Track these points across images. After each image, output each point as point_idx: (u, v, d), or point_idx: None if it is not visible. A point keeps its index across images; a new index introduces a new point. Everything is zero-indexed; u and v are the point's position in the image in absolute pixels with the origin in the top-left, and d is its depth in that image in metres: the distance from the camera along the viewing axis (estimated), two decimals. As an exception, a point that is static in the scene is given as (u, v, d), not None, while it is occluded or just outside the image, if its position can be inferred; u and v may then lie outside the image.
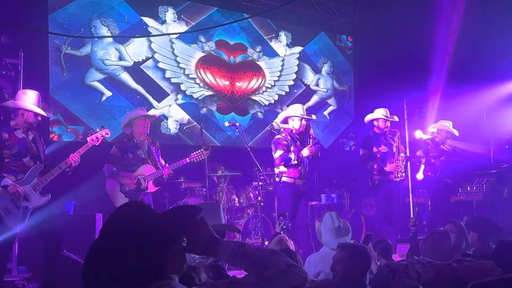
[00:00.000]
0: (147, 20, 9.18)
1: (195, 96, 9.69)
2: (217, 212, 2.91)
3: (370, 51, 11.27)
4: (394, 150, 7.80)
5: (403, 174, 7.78)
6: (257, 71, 10.46)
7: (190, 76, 9.66)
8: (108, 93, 8.66)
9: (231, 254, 1.78)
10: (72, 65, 8.36)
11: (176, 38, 9.48)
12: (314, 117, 7.62)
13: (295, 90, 11.02)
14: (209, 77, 9.89)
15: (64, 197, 7.17)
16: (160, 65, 9.30)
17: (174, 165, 6.52)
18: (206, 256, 1.90)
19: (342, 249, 3.42)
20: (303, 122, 7.05)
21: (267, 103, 10.50)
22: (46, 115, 5.74)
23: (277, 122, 10.09)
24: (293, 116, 7.07)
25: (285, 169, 6.94)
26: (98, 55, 8.62)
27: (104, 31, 8.71)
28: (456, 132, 8.57)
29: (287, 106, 10.69)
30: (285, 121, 7.27)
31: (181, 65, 9.55)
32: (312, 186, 9.28)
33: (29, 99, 5.56)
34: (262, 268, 1.71)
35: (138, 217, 1.74)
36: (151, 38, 9.17)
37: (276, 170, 7.06)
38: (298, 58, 11.14)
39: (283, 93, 10.81)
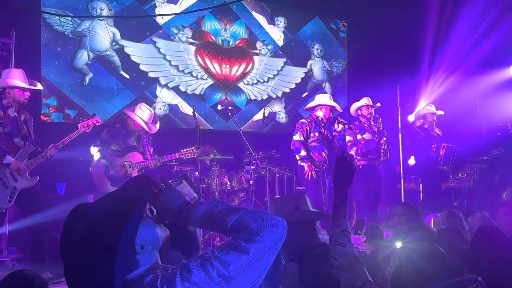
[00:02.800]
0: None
1: (196, 92, 9.62)
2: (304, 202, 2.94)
3: (364, 37, 11.23)
4: (377, 136, 7.98)
5: (386, 157, 7.95)
6: (245, 55, 10.36)
7: (186, 71, 9.56)
8: (100, 75, 8.57)
9: (203, 219, 1.73)
10: (65, 46, 8.28)
11: (157, 37, 9.23)
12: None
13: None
14: (208, 63, 9.82)
15: (56, 179, 7.16)
16: (151, 74, 9.12)
17: (162, 158, 6.54)
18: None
19: None
20: (332, 112, 7.50)
21: (253, 98, 10.39)
22: (28, 87, 5.67)
23: (269, 108, 10.12)
24: (324, 105, 7.45)
25: (304, 153, 7.17)
26: (100, 37, 8.55)
27: (105, 12, 8.64)
28: (440, 112, 8.65)
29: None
30: (311, 109, 7.63)
31: (173, 63, 9.41)
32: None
33: (11, 77, 5.55)
34: (234, 232, 1.66)
35: (94, 215, 1.66)
36: (131, 51, 8.98)
37: (298, 156, 7.26)
38: (305, 72, 11.14)
39: (274, 96, 10.69)
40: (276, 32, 10.78)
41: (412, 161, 8.55)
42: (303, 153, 7.13)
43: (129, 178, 4.80)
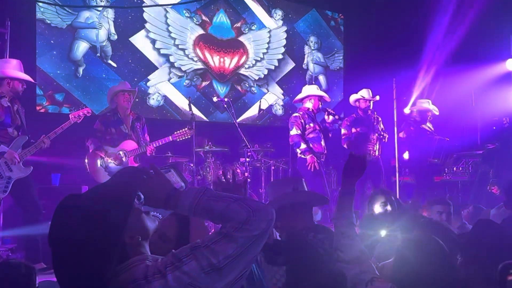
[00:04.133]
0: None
1: (183, 68, 9.58)
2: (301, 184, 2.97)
3: (360, 29, 11.21)
4: (372, 130, 7.95)
5: (376, 153, 7.92)
6: (240, 48, 10.35)
7: (180, 47, 9.56)
8: (94, 66, 8.56)
9: (191, 206, 1.73)
10: (60, 36, 8.26)
11: (171, 8, 9.36)
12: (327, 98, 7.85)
13: (285, 66, 10.95)
14: (207, 57, 9.83)
15: (51, 169, 7.15)
16: (151, 35, 9.18)
17: (156, 142, 6.49)
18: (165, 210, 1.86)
19: None
20: (320, 102, 7.50)
21: (256, 77, 10.43)
22: (32, 80, 5.78)
23: (266, 99, 10.10)
24: (312, 96, 7.44)
25: (304, 146, 7.15)
26: (103, 27, 8.63)
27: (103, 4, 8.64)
28: (436, 110, 8.62)
29: (276, 82, 10.70)
30: (300, 101, 7.62)
31: (172, 35, 9.44)
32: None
33: (12, 67, 5.53)
34: (222, 220, 1.68)
35: (84, 205, 1.63)
36: (147, 9, 9.07)
37: (299, 149, 7.23)
38: (286, 31, 11.02)
39: (272, 67, 10.71)
40: (273, 24, 10.75)
41: (406, 155, 8.55)
42: (303, 146, 7.12)
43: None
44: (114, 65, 8.77)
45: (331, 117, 7.44)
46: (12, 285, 2.37)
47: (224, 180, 2.54)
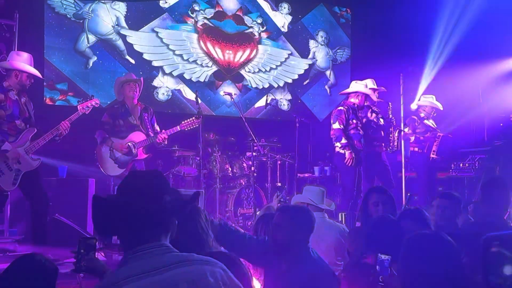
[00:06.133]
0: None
1: (201, 80, 9.60)
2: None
3: (368, 24, 11.18)
4: (381, 121, 7.85)
5: (395, 145, 7.84)
6: (249, 41, 10.31)
7: (190, 60, 9.53)
8: (103, 59, 8.59)
9: None
10: (68, 28, 8.29)
11: (158, 27, 9.24)
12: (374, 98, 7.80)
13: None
14: (210, 48, 9.81)
15: (58, 161, 7.19)
16: (155, 63, 9.17)
17: (164, 132, 6.50)
18: None
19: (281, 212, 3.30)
20: (366, 100, 7.52)
21: (254, 85, 10.34)
22: (41, 76, 5.82)
23: (272, 95, 10.06)
24: (361, 93, 7.46)
25: (345, 141, 7.17)
26: (102, 20, 8.61)
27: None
28: (440, 106, 8.59)
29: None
30: (346, 93, 7.64)
31: (177, 52, 9.41)
32: (305, 159, 9.31)
33: (23, 60, 5.56)
34: None
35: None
36: (133, 40, 8.92)
37: (339, 143, 7.21)
38: (309, 64, 11.04)
39: (276, 85, 10.59)
40: (280, 19, 10.72)
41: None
42: (344, 141, 7.13)
43: (135, 159, 4.93)
44: (132, 61, 8.86)
45: (374, 115, 7.44)
46: (35, 279, 2.37)
47: None
